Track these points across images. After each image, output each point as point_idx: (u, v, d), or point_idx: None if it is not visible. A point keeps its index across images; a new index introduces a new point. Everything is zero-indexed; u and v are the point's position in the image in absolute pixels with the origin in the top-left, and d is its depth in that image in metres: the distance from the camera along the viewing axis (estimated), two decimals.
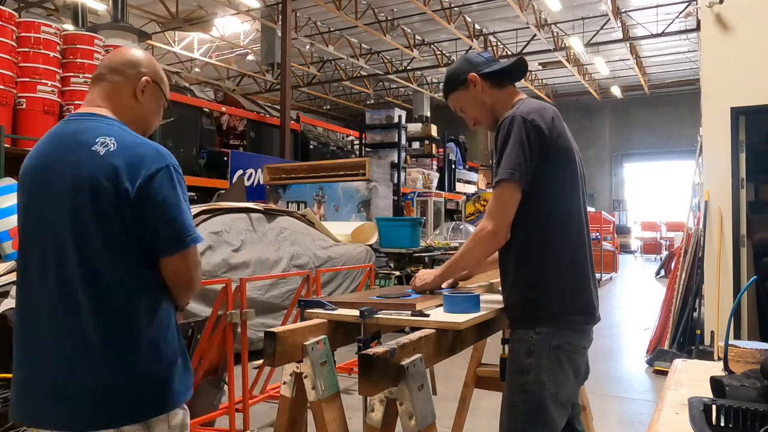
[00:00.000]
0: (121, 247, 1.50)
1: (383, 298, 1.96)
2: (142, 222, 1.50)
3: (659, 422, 1.24)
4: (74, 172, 1.51)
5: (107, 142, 1.52)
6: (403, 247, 7.67)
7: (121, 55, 1.71)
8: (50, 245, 1.51)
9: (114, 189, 1.48)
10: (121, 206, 1.48)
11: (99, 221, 1.48)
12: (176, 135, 9.64)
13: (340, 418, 1.60)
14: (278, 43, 13.70)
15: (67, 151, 1.54)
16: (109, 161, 1.49)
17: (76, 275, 1.47)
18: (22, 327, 1.54)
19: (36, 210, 1.57)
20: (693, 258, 5.77)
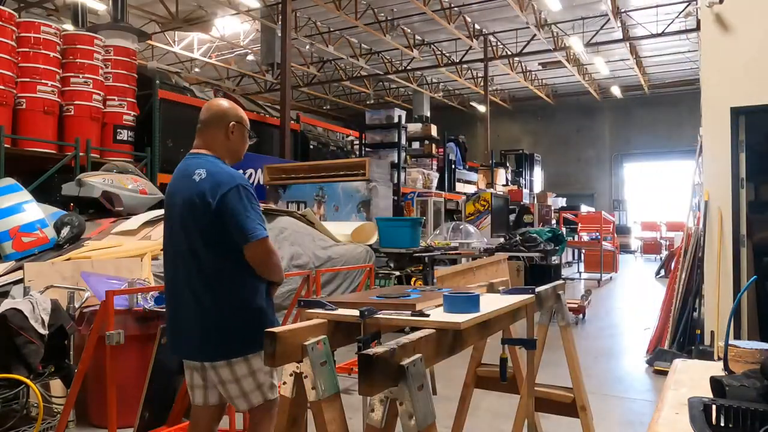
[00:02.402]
0: (212, 243, 2.25)
1: (383, 298, 1.96)
2: (223, 225, 2.23)
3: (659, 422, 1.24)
4: (183, 195, 2.32)
5: (201, 173, 2.29)
6: (403, 247, 7.66)
7: (214, 108, 2.47)
8: (174, 246, 2.36)
9: (202, 204, 2.24)
10: (207, 217, 2.24)
11: (197, 228, 2.26)
12: (176, 135, 9.63)
13: (340, 418, 1.60)
14: (278, 43, 13.69)
15: (180, 181, 2.38)
16: (200, 186, 2.26)
17: (191, 265, 2.29)
18: (168, 294, 2.47)
19: (168, 222, 2.42)
20: (693, 258, 5.77)
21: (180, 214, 2.31)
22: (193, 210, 2.26)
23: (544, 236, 9.58)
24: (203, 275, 2.27)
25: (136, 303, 3.78)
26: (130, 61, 8.95)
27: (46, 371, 3.51)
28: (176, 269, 2.36)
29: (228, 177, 2.29)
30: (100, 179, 6.54)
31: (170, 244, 2.40)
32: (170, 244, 2.40)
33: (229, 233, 2.24)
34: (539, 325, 2.71)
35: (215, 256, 2.26)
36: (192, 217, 2.27)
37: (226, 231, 2.24)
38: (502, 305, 1.96)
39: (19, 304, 3.45)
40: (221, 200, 2.22)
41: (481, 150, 22.34)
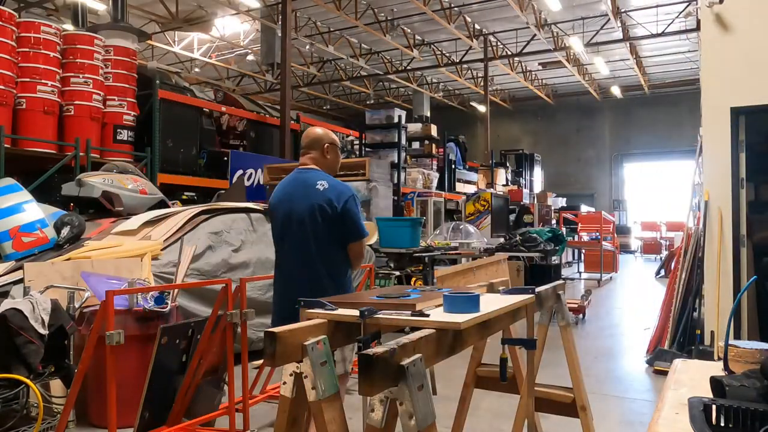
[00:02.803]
0: (333, 237, 2.92)
1: (383, 298, 1.96)
2: (343, 225, 2.91)
3: (659, 422, 1.24)
4: (310, 200, 2.92)
5: (323, 183, 2.94)
6: (403, 247, 7.66)
7: (312, 135, 3.12)
8: (298, 237, 2.94)
9: (329, 208, 2.89)
10: (333, 217, 2.89)
11: (325, 225, 2.90)
12: (176, 135, 9.63)
13: (340, 418, 1.60)
14: (278, 43, 13.69)
15: (303, 189, 2.98)
16: (326, 194, 2.91)
17: (315, 248, 2.91)
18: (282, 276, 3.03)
19: (287, 220, 2.98)
20: (693, 258, 5.77)
21: (310, 213, 2.92)
22: (322, 211, 2.90)
23: (544, 236, 9.58)
24: (323, 259, 2.92)
25: (136, 303, 3.78)
26: (130, 61, 8.95)
27: (46, 371, 3.51)
28: (299, 256, 2.96)
29: (346, 188, 3.00)
30: (100, 179, 6.54)
31: (293, 235, 2.98)
32: (293, 235, 2.98)
33: (345, 229, 2.93)
34: (539, 325, 2.71)
35: (331, 245, 2.94)
36: (322, 216, 2.90)
37: (343, 227, 2.92)
38: (502, 305, 1.96)
39: (19, 304, 3.45)
40: (344, 205, 2.92)
41: (481, 150, 22.34)
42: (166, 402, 3.50)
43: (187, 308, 4.83)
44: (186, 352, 3.60)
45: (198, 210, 5.77)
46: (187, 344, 3.61)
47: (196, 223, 5.54)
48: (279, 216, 3.04)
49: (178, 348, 3.56)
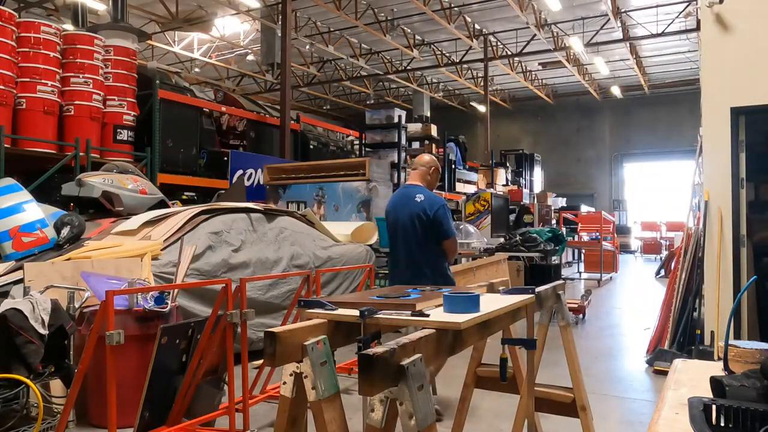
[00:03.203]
0: (428, 237, 3.91)
1: (383, 298, 1.96)
2: (435, 228, 3.90)
3: (659, 422, 1.24)
4: (410, 209, 3.95)
5: (421, 197, 3.94)
6: None
7: (423, 160, 4.18)
8: (403, 237, 3.99)
9: (424, 216, 3.88)
10: (427, 223, 3.89)
11: (421, 229, 3.92)
12: (176, 135, 9.63)
13: (340, 418, 1.60)
14: (278, 43, 13.69)
15: (406, 200, 4.04)
16: (422, 205, 3.90)
17: (416, 246, 3.92)
18: (394, 264, 4.17)
19: (395, 224, 4.06)
20: (693, 258, 5.77)
21: (410, 219, 3.96)
22: (419, 218, 3.93)
23: (544, 236, 9.58)
24: (422, 254, 3.95)
25: (136, 303, 3.78)
26: (130, 61, 8.95)
27: (46, 371, 3.51)
28: (405, 251, 4.02)
29: (438, 199, 4.02)
30: (100, 179, 6.54)
31: (399, 235, 4.06)
32: (399, 235, 4.06)
33: (437, 231, 3.93)
34: (539, 325, 2.71)
35: (428, 243, 3.95)
36: (419, 221, 3.93)
37: (435, 230, 3.93)
38: (502, 305, 1.96)
39: (19, 304, 3.45)
40: (435, 213, 3.91)
41: (481, 150, 22.34)
42: (166, 402, 3.49)
43: (187, 308, 4.83)
44: (186, 352, 3.60)
45: (198, 210, 5.77)
46: (187, 344, 3.61)
47: (196, 223, 5.54)
48: (390, 221, 4.17)
49: (178, 348, 3.56)
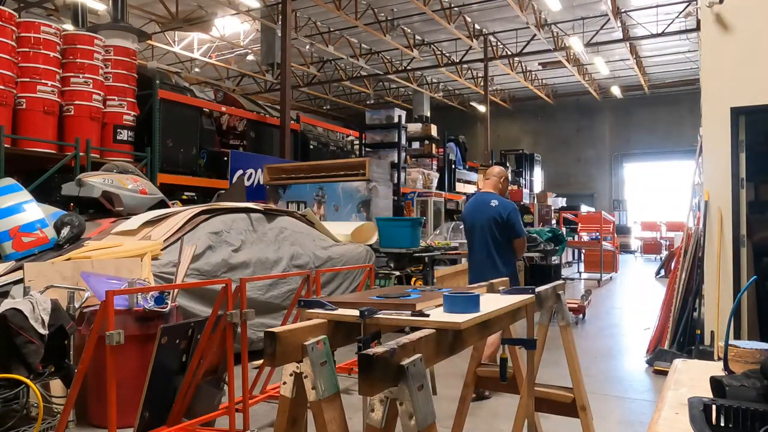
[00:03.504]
0: (502, 237, 4.73)
1: (383, 298, 1.96)
2: (508, 229, 4.73)
3: (659, 422, 1.24)
4: (487, 213, 4.77)
5: (496, 202, 4.77)
6: (403, 247, 7.66)
7: (495, 171, 5.05)
8: (480, 237, 4.80)
9: (499, 219, 4.72)
10: (502, 224, 4.73)
11: (497, 229, 4.74)
12: (176, 135, 9.63)
13: (340, 418, 1.60)
14: (278, 43, 13.70)
15: (482, 206, 4.87)
16: (497, 209, 4.73)
17: (492, 245, 4.72)
18: (473, 261, 4.98)
19: (473, 227, 4.89)
20: (693, 258, 5.77)
21: (487, 222, 4.75)
22: (494, 221, 4.72)
23: (544, 236, 9.57)
24: (497, 251, 4.73)
25: (136, 303, 3.78)
26: (130, 61, 8.95)
27: (46, 371, 3.51)
28: (481, 249, 4.79)
29: (510, 204, 4.83)
30: (100, 179, 6.54)
31: (477, 236, 4.83)
32: (477, 236, 4.83)
33: (510, 231, 4.73)
34: (539, 325, 2.71)
35: (501, 242, 4.74)
36: (495, 223, 4.72)
37: (508, 230, 4.73)
38: (502, 305, 1.96)
39: (19, 304, 3.45)
40: (508, 215, 4.72)
41: (481, 150, 22.35)
42: (166, 402, 3.49)
43: (187, 308, 4.83)
44: (186, 352, 3.60)
45: (198, 210, 5.77)
46: (187, 344, 3.61)
47: (196, 223, 5.54)
48: (468, 223, 4.98)
49: (178, 348, 3.56)
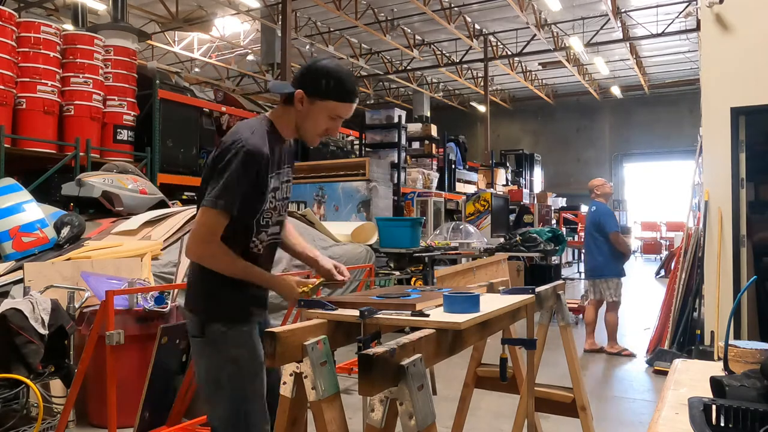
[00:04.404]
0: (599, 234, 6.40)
1: (383, 298, 1.96)
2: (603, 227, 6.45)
3: (659, 422, 1.24)
4: (589, 217, 6.65)
5: (593, 208, 6.61)
6: (403, 247, 7.66)
7: (595, 183, 6.73)
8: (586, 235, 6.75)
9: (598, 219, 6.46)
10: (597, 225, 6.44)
11: (594, 229, 6.46)
12: (176, 135, 9.63)
13: (340, 418, 1.60)
14: (278, 43, 13.70)
15: (588, 212, 6.81)
16: (595, 213, 6.55)
17: (591, 242, 6.50)
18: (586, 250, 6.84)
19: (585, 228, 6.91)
20: (693, 258, 5.77)
21: (590, 223, 6.49)
22: (594, 222, 6.39)
23: (544, 236, 9.57)
24: (596, 246, 6.37)
25: (136, 303, 3.78)
26: (130, 61, 8.95)
27: (46, 371, 3.51)
28: (587, 245, 6.54)
29: (604, 207, 6.48)
30: (100, 179, 6.54)
31: (586, 235, 6.60)
32: (586, 235, 6.60)
33: (602, 229, 6.29)
34: (539, 325, 2.71)
35: (599, 238, 6.33)
36: (594, 225, 6.38)
37: (602, 229, 6.28)
38: (502, 305, 1.96)
39: (19, 304, 3.45)
40: (601, 218, 6.32)
41: (481, 150, 22.33)
42: (166, 402, 3.50)
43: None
44: (186, 352, 3.60)
45: None
46: (187, 344, 3.60)
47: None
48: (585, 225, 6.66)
49: (178, 348, 3.56)
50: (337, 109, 1.96)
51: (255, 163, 1.88)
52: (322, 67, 1.95)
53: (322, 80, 1.92)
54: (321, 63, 1.97)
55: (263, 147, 1.89)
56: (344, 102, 1.95)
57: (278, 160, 2.01)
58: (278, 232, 2.12)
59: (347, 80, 1.95)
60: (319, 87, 1.92)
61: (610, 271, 6.36)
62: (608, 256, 6.31)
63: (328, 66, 1.95)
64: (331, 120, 1.98)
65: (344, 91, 1.94)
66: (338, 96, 1.93)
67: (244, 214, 1.92)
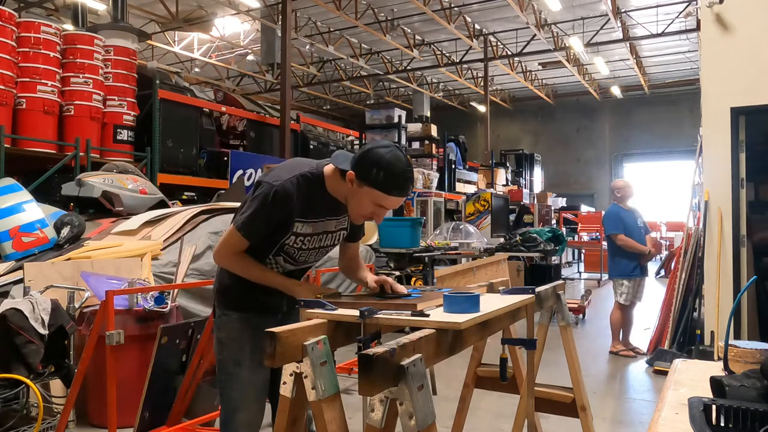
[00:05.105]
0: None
1: (383, 298, 1.96)
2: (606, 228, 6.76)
3: (659, 422, 1.24)
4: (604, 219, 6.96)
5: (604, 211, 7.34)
6: (403, 247, 7.66)
7: (617, 185, 6.78)
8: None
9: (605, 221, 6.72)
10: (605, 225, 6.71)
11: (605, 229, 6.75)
12: (176, 135, 9.63)
13: (340, 418, 1.60)
14: (278, 43, 13.70)
15: None
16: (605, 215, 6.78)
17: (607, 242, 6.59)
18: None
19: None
20: (693, 258, 5.77)
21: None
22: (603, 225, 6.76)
23: (544, 236, 9.57)
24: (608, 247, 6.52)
25: (136, 303, 3.78)
26: (130, 61, 8.95)
27: (46, 371, 3.51)
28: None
29: (610, 211, 6.57)
30: (100, 179, 6.54)
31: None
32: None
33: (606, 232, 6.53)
34: (539, 325, 2.71)
35: (609, 240, 6.35)
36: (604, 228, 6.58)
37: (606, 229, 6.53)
38: (502, 305, 1.96)
39: (19, 304, 3.45)
40: (604, 221, 6.62)
41: (481, 150, 22.33)
42: (166, 402, 3.50)
43: (187, 308, 4.83)
44: (186, 352, 3.60)
45: (198, 210, 5.77)
46: (187, 344, 3.61)
47: (196, 223, 5.54)
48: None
49: (178, 348, 3.56)
50: (381, 199, 2.01)
51: (281, 204, 2.02)
52: (378, 156, 1.98)
53: (373, 168, 1.96)
54: (378, 151, 1.99)
55: (293, 193, 2.02)
56: (389, 195, 2.00)
57: (316, 211, 2.12)
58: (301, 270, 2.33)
59: (399, 176, 1.98)
60: (369, 174, 1.97)
61: (614, 271, 6.44)
62: (614, 257, 6.41)
63: (384, 157, 1.97)
64: (375, 206, 2.04)
65: (391, 186, 1.98)
66: (384, 188, 1.98)
67: (261, 242, 2.13)
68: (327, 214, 2.17)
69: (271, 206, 2.02)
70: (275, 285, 2.15)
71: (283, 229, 2.10)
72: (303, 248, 2.19)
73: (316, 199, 2.10)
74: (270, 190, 2.01)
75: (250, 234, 2.07)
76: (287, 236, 2.13)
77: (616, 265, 6.40)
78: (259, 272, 2.15)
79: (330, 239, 2.26)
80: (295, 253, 2.20)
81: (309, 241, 2.18)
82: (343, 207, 2.16)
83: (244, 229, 2.07)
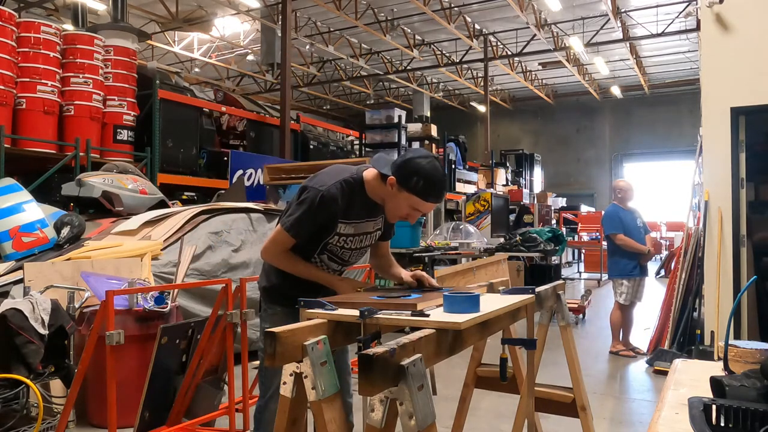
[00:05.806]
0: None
1: (383, 298, 1.96)
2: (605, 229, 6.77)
3: (659, 422, 1.24)
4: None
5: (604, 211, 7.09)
6: (403, 247, 7.66)
7: (619, 185, 6.74)
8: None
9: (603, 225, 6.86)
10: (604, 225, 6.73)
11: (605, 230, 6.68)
12: (176, 135, 9.63)
13: (340, 418, 1.60)
14: (278, 43, 13.69)
15: None
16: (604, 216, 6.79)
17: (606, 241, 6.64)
18: None
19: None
20: (693, 258, 5.77)
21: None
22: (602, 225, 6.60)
23: (544, 236, 9.57)
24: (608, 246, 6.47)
25: (136, 303, 3.78)
26: (130, 61, 8.95)
27: (46, 371, 3.51)
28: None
29: (607, 210, 6.57)
30: (100, 179, 6.54)
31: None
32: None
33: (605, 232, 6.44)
34: (539, 325, 2.71)
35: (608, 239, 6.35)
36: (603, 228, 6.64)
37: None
38: (502, 305, 1.96)
39: (19, 304, 3.46)
40: (602, 222, 6.56)
41: (481, 150, 22.33)
42: (166, 402, 3.50)
43: (187, 308, 4.83)
44: (186, 352, 3.60)
45: (198, 210, 5.77)
46: (187, 344, 3.61)
47: (196, 223, 5.54)
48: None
49: (178, 348, 3.56)
50: (418, 204, 2.22)
51: (326, 206, 2.21)
52: (419, 166, 2.17)
53: (413, 177, 2.16)
54: (419, 161, 2.19)
55: (337, 196, 2.21)
56: (426, 201, 2.22)
57: (357, 213, 2.32)
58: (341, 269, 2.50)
59: (436, 184, 2.20)
60: (409, 181, 2.17)
61: (614, 271, 6.47)
62: (613, 257, 6.44)
63: (424, 167, 2.17)
64: (412, 209, 2.25)
65: (428, 193, 2.20)
66: (423, 195, 2.19)
67: (307, 242, 2.31)
68: (366, 216, 2.36)
69: (317, 209, 2.20)
70: (318, 279, 2.33)
71: (328, 229, 2.30)
72: (345, 247, 2.38)
73: (357, 202, 2.29)
74: (317, 194, 2.20)
75: (297, 234, 2.25)
76: (331, 236, 2.31)
77: (616, 265, 6.40)
78: (303, 267, 2.33)
79: (368, 239, 2.45)
80: (339, 251, 2.39)
81: (351, 241, 2.37)
82: (379, 208, 2.36)
83: (293, 229, 2.25)
